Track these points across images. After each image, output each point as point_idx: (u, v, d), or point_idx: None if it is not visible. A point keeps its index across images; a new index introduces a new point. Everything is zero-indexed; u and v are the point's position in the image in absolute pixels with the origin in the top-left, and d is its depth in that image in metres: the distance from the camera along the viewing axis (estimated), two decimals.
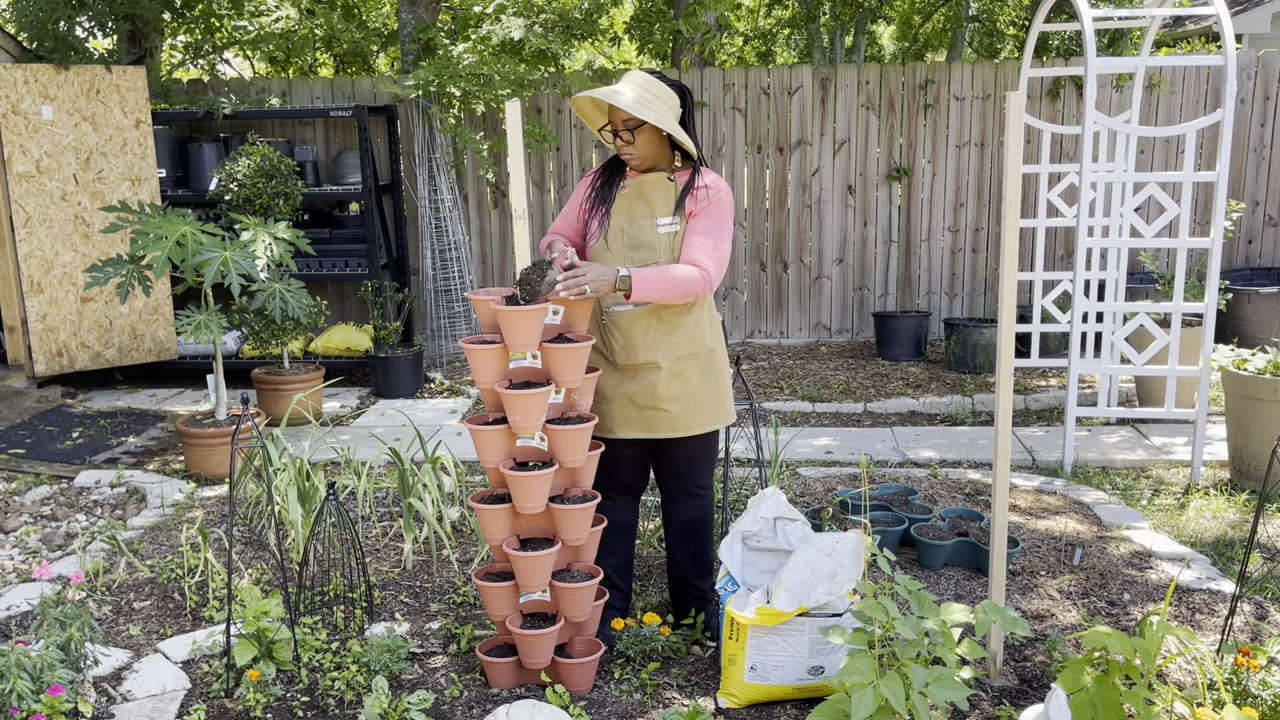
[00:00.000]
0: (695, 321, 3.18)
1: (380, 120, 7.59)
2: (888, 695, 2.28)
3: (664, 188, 3.15)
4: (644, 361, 3.14)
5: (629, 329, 3.13)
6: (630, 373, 3.17)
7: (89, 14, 6.82)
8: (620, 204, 3.17)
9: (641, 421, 3.17)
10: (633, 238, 3.14)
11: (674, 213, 3.13)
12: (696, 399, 3.19)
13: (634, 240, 3.13)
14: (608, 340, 3.17)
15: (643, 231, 3.13)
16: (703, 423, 3.21)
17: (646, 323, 3.12)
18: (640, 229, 3.13)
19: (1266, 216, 7.84)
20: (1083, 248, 4.96)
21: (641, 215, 3.15)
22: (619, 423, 3.19)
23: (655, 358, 3.13)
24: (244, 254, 5.03)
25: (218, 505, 4.75)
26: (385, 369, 6.67)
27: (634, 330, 3.13)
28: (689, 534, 3.38)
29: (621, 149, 3.12)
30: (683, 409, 3.17)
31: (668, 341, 3.14)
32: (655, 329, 3.13)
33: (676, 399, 3.16)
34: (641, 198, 3.15)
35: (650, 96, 3.03)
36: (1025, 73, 6.35)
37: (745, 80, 7.89)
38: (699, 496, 3.36)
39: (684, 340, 3.16)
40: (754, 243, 8.09)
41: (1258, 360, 4.71)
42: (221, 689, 3.11)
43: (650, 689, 3.09)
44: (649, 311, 3.12)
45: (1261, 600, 3.59)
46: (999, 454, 2.98)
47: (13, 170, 6.25)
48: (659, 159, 3.15)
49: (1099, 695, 2.42)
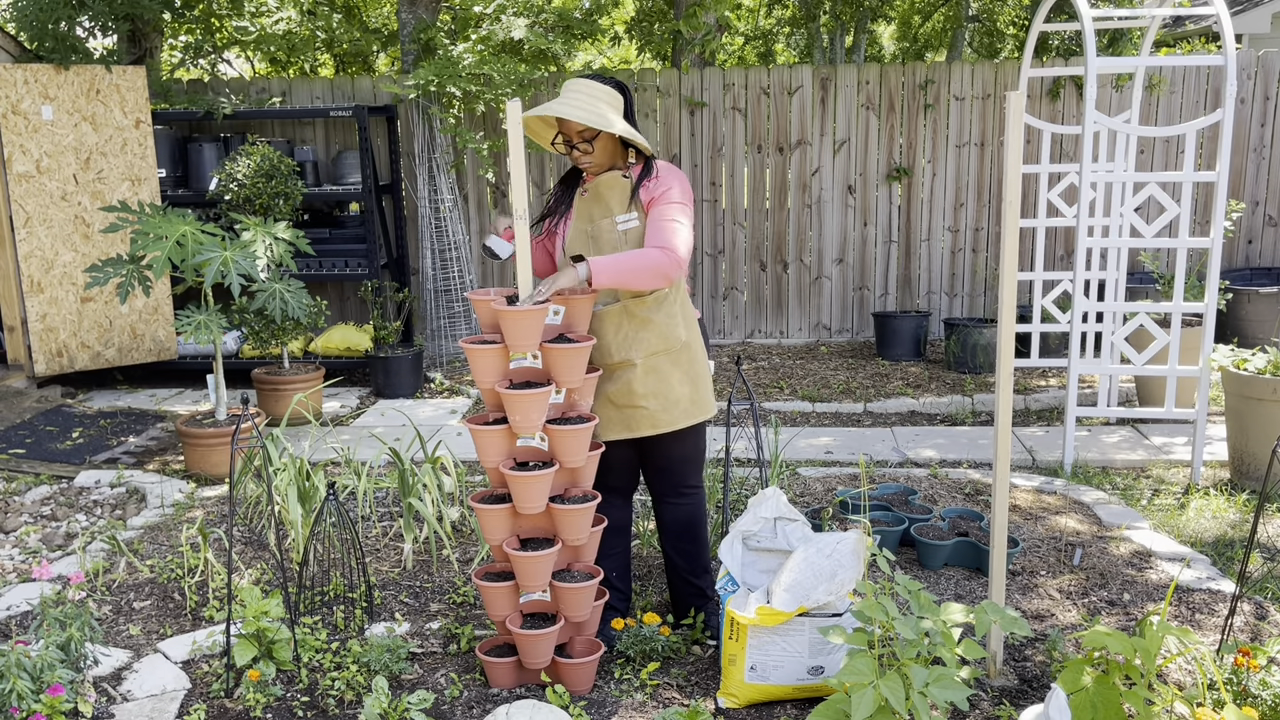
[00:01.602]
0: (667, 316, 3.16)
1: (380, 120, 7.59)
2: (888, 695, 2.28)
3: (619, 185, 3.16)
4: (618, 360, 3.13)
5: (599, 329, 3.13)
6: (607, 373, 3.17)
7: (89, 14, 6.82)
8: (580, 207, 3.21)
9: (621, 422, 3.16)
10: (594, 239, 3.16)
11: (629, 208, 3.14)
12: (674, 394, 3.16)
13: (596, 241, 3.16)
14: None
15: (602, 231, 3.15)
16: (682, 418, 3.18)
17: (617, 321, 3.12)
18: (600, 229, 3.15)
19: (1266, 216, 7.84)
20: (1083, 248, 4.96)
21: (600, 215, 3.16)
22: (601, 425, 3.19)
23: (629, 355, 3.13)
24: (244, 254, 5.03)
25: (218, 505, 4.75)
26: (385, 369, 6.67)
27: (605, 329, 3.13)
28: (679, 533, 3.38)
29: (579, 159, 3.13)
30: (660, 405, 3.15)
31: (640, 338, 3.13)
32: (626, 326, 3.12)
33: (654, 395, 3.14)
34: (598, 199, 3.17)
35: (598, 103, 3.05)
36: (1025, 73, 6.35)
37: (745, 80, 7.90)
38: (686, 495, 3.35)
39: (657, 336, 3.14)
40: (754, 243, 8.09)
41: (1258, 360, 4.71)
42: (221, 689, 3.11)
43: (650, 689, 3.09)
44: (619, 310, 3.11)
45: (1261, 600, 3.59)
46: (999, 454, 2.98)
47: (13, 170, 6.26)
48: (614, 159, 3.18)
49: (1099, 695, 2.42)
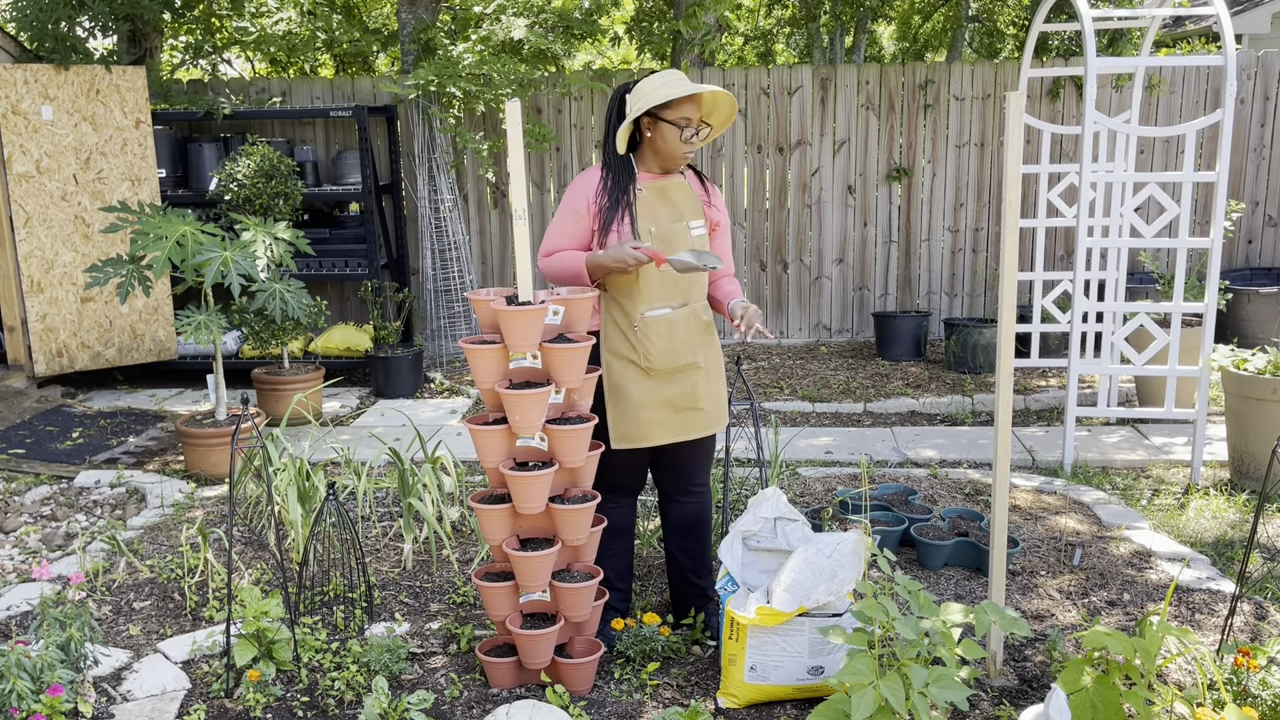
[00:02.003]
0: (712, 321, 3.28)
1: (380, 120, 7.59)
2: (888, 695, 2.28)
3: (687, 191, 3.18)
4: (686, 363, 3.15)
5: (670, 332, 3.12)
6: (667, 376, 3.14)
7: (89, 14, 6.82)
8: (643, 208, 3.11)
9: (679, 425, 3.17)
10: (667, 240, 3.11)
11: (699, 215, 3.19)
12: (723, 396, 3.29)
13: (669, 242, 3.11)
14: (642, 347, 3.11)
15: (675, 234, 3.13)
16: (724, 419, 3.30)
17: (686, 324, 3.15)
18: (674, 232, 3.13)
19: (1266, 216, 7.84)
20: (1083, 248, 4.96)
21: (671, 219, 3.14)
22: (653, 429, 3.14)
23: (696, 359, 3.17)
24: (244, 254, 5.03)
25: (218, 505, 4.75)
26: (385, 369, 6.67)
27: (675, 332, 3.13)
28: (687, 532, 3.39)
29: (690, 150, 3.10)
30: (716, 408, 3.24)
31: (704, 341, 3.20)
32: (694, 328, 3.17)
33: (712, 398, 3.22)
34: (666, 200, 3.14)
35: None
36: (1025, 73, 6.35)
37: (745, 80, 7.89)
38: (695, 494, 3.37)
39: (713, 339, 3.26)
40: (754, 243, 8.09)
41: (1258, 360, 4.71)
42: (221, 689, 3.11)
43: (650, 689, 3.09)
44: (688, 313, 3.15)
45: (1261, 600, 3.59)
46: (999, 454, 2.98)
47: (13, 170, 6.26)
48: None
49: (1099, 695, 2.42)
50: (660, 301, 3.11)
